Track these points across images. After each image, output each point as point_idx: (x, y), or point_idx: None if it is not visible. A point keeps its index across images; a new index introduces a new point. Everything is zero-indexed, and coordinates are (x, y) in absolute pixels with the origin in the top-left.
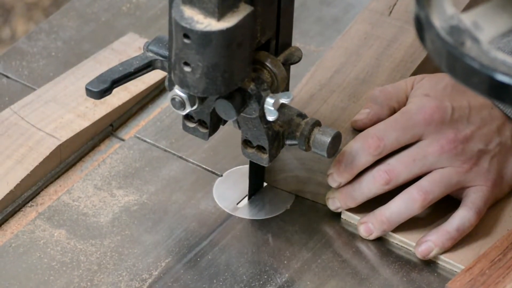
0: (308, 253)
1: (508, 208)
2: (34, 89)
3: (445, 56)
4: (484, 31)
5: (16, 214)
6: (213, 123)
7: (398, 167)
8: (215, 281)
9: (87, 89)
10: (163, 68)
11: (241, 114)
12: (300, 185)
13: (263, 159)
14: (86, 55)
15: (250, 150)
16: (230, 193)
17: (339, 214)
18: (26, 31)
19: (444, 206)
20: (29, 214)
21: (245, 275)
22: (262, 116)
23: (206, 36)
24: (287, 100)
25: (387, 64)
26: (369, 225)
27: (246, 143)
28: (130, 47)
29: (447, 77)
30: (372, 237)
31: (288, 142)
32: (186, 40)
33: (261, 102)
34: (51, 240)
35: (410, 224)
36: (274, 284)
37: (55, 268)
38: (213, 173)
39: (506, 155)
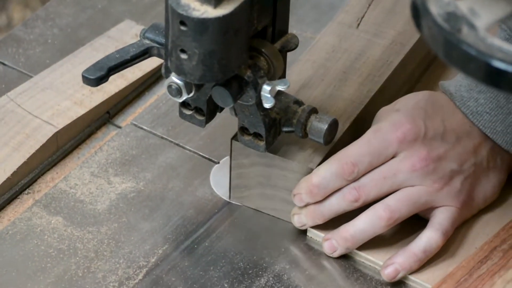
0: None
1: (476, 226)
2: (31, 76)
3: (441, 42)
4: (480, 18)
5: (13, 201)
6: (210, 110)
7: (368, 185)
8: (212, 268)
9: (83, 77)
10: (159, 55)
11: (238, 101)
12: (265, 202)
13: (260, 146)
14: (83, 42)
15: (246, 137)
16: (227, 180)
17: (304, 231)
18: (22, 18)
19: (412, 224)
20: (26, 202)
21: (242, 262)
22: (259, 103)
23: (203, 23)
24: (284, 87)
25: (355, 78)
26: (332, 242)
27: (242, 130)
28: (126, 34)
29: (419, 95)
30: (336, 254)
31: (285, 129)
32: (182, 27)
33: (257, 89)
34: (48, 228)
35: (377, 243)
36: (271, 271)
37: (52, 255)
38: (210, 160)
39: (479, 176)
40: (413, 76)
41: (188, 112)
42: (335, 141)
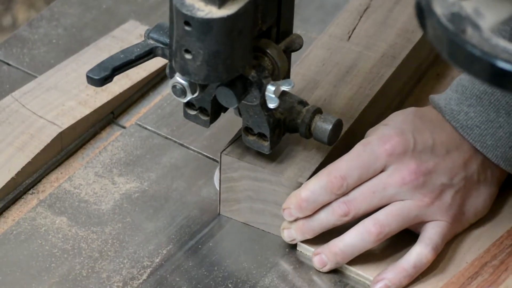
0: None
1: (467, 241)
2: (35, 77)
3: (446, 43)
4: (485, 18)
5: (17, 201)
6: (214, 111)
7: (358, 199)
8: (216, 268)
9: (88, 77)
10: (164, 56)
11: (242, 101)
12: (254, 216)
13: (264, 146)
14: (87, 42)
15: (251, 138)
16: None
17: (294, 246)
18: (27, 19)
19: (402, 238)
20: (30, 202)
21: (246, 263)
22: (263, 103)
23: (207, 24)
24: (288, 87)
25: (345, 92)
26: (322, 257)
27: (247, 130)
28: (131, 34)
29: (407, 110)
30: (325, 269)
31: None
32: (187, 28)
33: (262, 89)
34: (52, 228)
35: (367, 257)
36: (275, 271)
37: (56, 255)
38: (214, 160)
39: (470, 190)
40: (405, 89)
41: (193, 112)
42: (324, 156)
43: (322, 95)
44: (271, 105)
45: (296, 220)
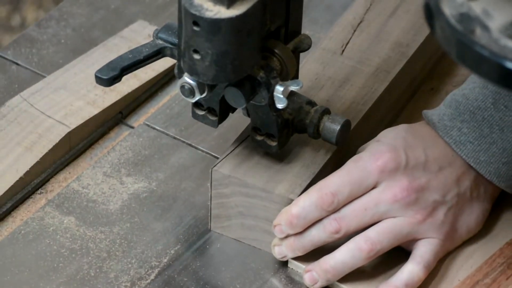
0: None
1: (459, 258)
2: (44, 76)
3: (454, 44)
4: (494, 19)
5: (25, 201)
6: (222, 111)
7: (349, 216)
8: (223, 268)
9: (96, 77)
10: (172, 56)
11: (250, 101)
12: (245, 232)
13: (272, 146)
14: (96, 43)
15: (259, 138)
16: None
17: (285, 262)
18: (36, 19)
19: (394, 256)
20: (38, 201)
21: (254, 263)
22: (272, 104)
23: (216, 24)
24: (297, 87)
25: (338, 106)
26: (313, 274)
27: (255, 130)
28: (139, 34)
29: (399, 126)
30: (316, 286)
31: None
32: (195, 28)
33: (270, 89)
34: (60, 227)
35: (358, 275)
36: (283, 272)
37: (64, 255)
38: None
39: (463, 207)
40: (398, 103)
41: (201, 113)
42: (315, 172)
43: None
44: (280, 106)
45: (287, 236)
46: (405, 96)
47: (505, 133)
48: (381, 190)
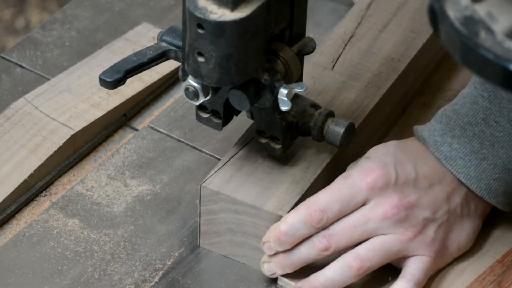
0: None
1: (450, 276)
2: (48, 79)
3: (459, 47)
4: (498, 22)
5: (29, 203)
6: (227, 113)
7: (339, 233)
8: (227, 271)
9: (100, 79)
10: (176, 58)
11: (255, 104)
12: (235, 249)
13: (276, 149)
14: (100, 45)
15: (263, 140)
16: None
17: (274, 279)
18: (40, 21)
19: (384, 273)
20: (42, 204)
21: (258, 265)
22: (276, 106)
23: (220, 26)
24: (301, 90)
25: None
26: None
27: (259, 133)
28: (144, 37)
29: (389, 143)
30: None
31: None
32: (200, 30)
33: (274, 92)
34: (64, 230)
35: None
36: None
37: (68, 258)
38: None
39: (453, 224)
40: (389, 119)
41: (205, 115)
42: (305, 188)
43: None
44: (284, 108)
45: (276, 253)
46: (396, 111)
47: (495, 148)
48: (371, 207)
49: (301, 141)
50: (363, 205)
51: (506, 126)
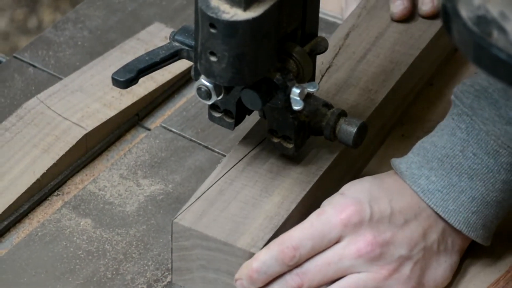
0: None
1: None
2: (61, 79)
3: (472, 46)
4: (511, 21)
5: (42, 203)
6: (239, 113)
7: (312, 271)
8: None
9: (113, 79)
10: (189, 58)
11: (267, 104)
12: (207, 286)
13: (288, 148)
14: (113, 45)
15: (275, 140)
16: None
17: None
18: (52, 21)
19: None
20: (55, 203)
21: None
22: (288, 106)
23: (232, 26)
24: (313, 90)
25: (304, 154)
26: None
27: (271, 132)
28: (156, 36)
29: (364, 179)
30: None
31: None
32: (212, 30)
33: (287, 92)
34: (77, 229)
35: None
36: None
37: (81, 257)
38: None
39: (429, 261)
40: (368, 151)
41: (217, 115)
42: (278, 225)
43: (280, 158)
44: (296, 108)
45: None
46: (375, 143)
47: (474, 181)
48: (345, 244)
49: (276, 175)
50: (337, 242)
51: (484, 158)
